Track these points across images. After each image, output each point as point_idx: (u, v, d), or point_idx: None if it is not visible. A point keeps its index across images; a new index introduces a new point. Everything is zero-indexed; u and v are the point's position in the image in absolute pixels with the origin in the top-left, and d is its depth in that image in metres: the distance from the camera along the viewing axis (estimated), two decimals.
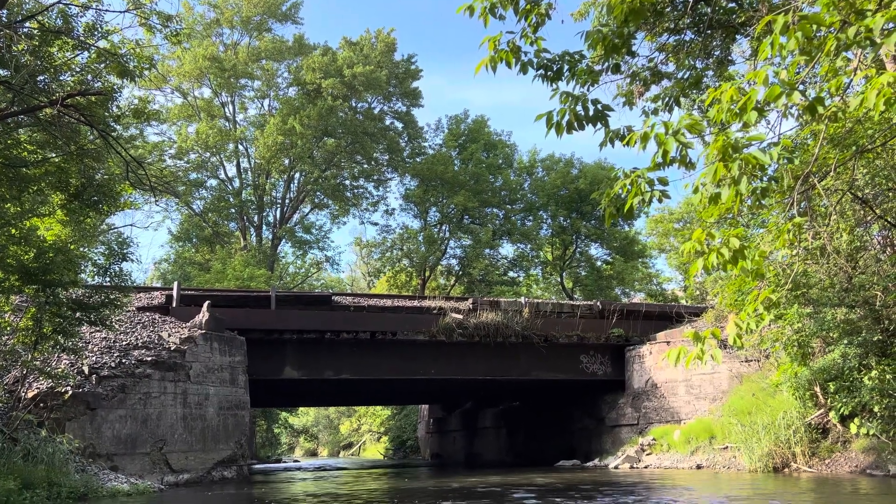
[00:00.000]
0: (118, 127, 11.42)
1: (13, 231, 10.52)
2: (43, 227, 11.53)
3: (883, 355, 12.33)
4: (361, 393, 28.16)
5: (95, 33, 10.08)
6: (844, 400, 12.62)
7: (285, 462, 38.21)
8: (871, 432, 12.35)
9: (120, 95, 10.87)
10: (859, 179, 11.50)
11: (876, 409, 12.14)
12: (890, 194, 12.13)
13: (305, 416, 63.11)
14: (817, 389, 13.31)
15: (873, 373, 12.13)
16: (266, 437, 43.57)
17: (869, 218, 12.74)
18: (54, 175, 10.71)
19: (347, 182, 38.52)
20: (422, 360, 18.91)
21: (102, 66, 10.26)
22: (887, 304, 12.43)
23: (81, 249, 11.63)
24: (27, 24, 9.96)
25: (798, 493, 10.03)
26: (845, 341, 12.56)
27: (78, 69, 10.38)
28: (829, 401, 13.05)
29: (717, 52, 10.57)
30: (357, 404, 47.22)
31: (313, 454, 64.71)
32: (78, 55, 10.34)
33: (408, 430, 41.19)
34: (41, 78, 10.07)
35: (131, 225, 24.75)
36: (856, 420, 12.58)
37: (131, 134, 23.87)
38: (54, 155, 10.84)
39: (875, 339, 12.32)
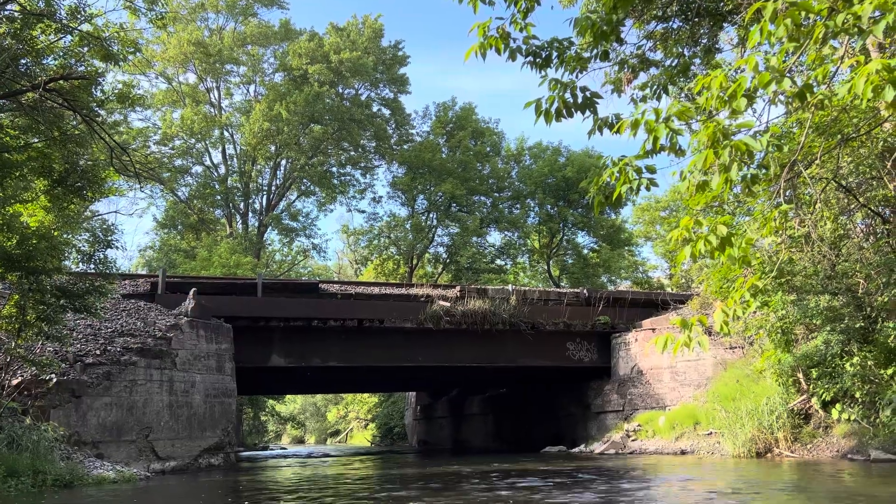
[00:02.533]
0: (102, 112, 11.29)
1: None
2: (26, 213, 11.39)
3: (864, 342, 12.48)
4: (349, 380, 28.19)
5: (79, 16, 9.93)
6: (826, 386, 12.78)
7: (272, 449, 38.25)
8: (852, 418, 12.52)
9: (104, 80, 10.75)
10: (844, 168, 11.59)
11: (857, 394, 12.30)
12: (873, 183, 12.25)
13: (292, 404, 63.11)
14: (800, 376, 13.47)
15: (855, 359, 12.28)
16: (253, 424, 43.57)
17: (852, 206, 12.86)
18: (37, 160, 10.57)
19: (334, 169, 38.34)
20: (409, 348, 18.94)
21: (86, 49, 10.12)
22: (869, 292, 12.58)
23: (65, 236, 11.50)
24: (9, 7, 9.80)
25: (777, 475, 10.17)
26: (828, 328, 12.70)
27: (61, 53, 10.23)
28: (811, 387, 13.22)
29: (704, 40, 10.61)
30: (344, 392, 47.29)
31: (300, 442, 64.80)
32: (61, 38, 10.19)
33: (395, 417, 41.31)
34: (23, 61, 9.93)
35: (116, 212, 24.48)
36: (837, 406, 12.74)
37: (115, 120, 23.62)
38: (36, 140, 10.70)
39: (857, 325, 12.47)
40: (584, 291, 21.05)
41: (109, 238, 11.95)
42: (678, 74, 8.11)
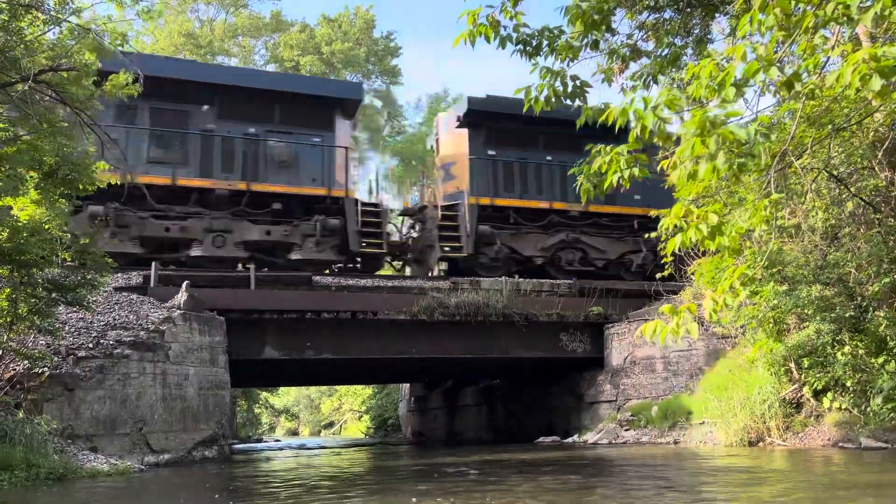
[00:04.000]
0: (98, 104, 11.20)
1: None
2: (17, 206, 11.34)
3: (856, 331, 12.56)
4: (342, 372, 28.19)
5: (67, 6, 9.85)
6: (818, 375, 12.86)
7: (266, 441, 38.31)
8: (843, 406, 12.61)
9: (94, 72, 10.68)
10: (835, 158, 11.63)
11: (848, 383, 12.39)
12: (864, 172, 12.30)
13: (286, 396, 63.16)
14: (792, 365, 13.55)
15: (846, 348, 12.36)
16: (247, 416, 43.60)
17: (844, 196, 12.91)
18: (27, 153, 10.51)
19: None
20: (403, 340, 18.96)
21: (73, 42, 10.05)
22: (860, 282, 12.65)
23: (61, 232, 11.46)
24: None
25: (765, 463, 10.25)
26: (819, 318, 12.77)
27: (49, 45, 10.16)
28: (802, 376, 13.30)
29: (696, 31, 10.61)
30: (338, 384, 47.31)
31: (294, 434, 64.86)
32: (49, 30, 10.11)
33: (389, 408, 41.40)
34: (10, 54, 9.84)
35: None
36: (828, 395, 12.83)
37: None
38: (24, 133, 10.63)
39: (848, 315, 12.54)
40: (577, 282, 21.08)
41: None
42: (669, 65, 8.12)
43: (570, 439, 19.69)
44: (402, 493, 7.76)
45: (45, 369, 11.83)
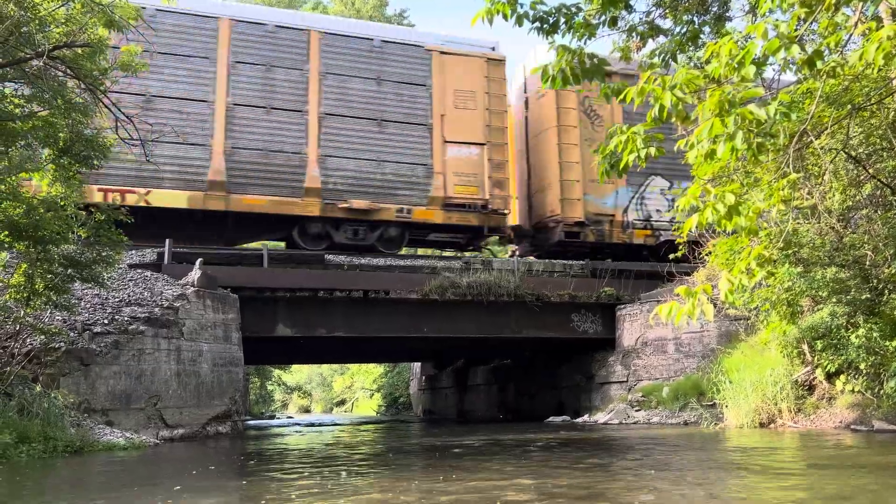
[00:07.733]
0: (107, 81, 11.20)
1: (1, 187, 10.41)
2: (36, 179, 11.41)
3: (871, 314, 12.46)
4: (354, 351, 28.39)
5: None
6: (831, 357, 12.79)
7: (279, 418, 38.73)
8: (856, 389, 12.56)
9: (107, 48, 10.66)
10: (854, 138, 11.45)
11: (862, 366, 12.32)
12: (884, 154, 12.12)
13: (299, 374, 63.68)
14: (805, 347, 13.48)
15: (860, 331, 12.27)
16: (260, 393, 44.05)
17: (862, 177, 12.74)
18: (42, 129, 10.55)
19: None
20: (415, 319, 19.02)
21: (88, 16, 10.02)
22: (876, 264, 12.52)
23: (75, 208, 11.52)
24: None
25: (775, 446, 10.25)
26: (834, 300, 12.67)
27: (63, 20, 10.14)
28: (816, 358, 13.24)
29: (714, 8, 10.43)
30: (350, 362, 47.65)
31: (307, 411, 65.49)
32: (63, 5, 10.09)
33: (400, 387, 41.69)
34: (25, 29, 9.84)
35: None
36: (842, 377, 12.77)
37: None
38: (40, 109, 10.65)
39: (863, 297, 12.43)
40: (590, 263, 21.01)
41: (116, 208, 11.99)
42: (687, 42, 8.00)
43: (580, 419, 19.74)
44: (406, 466, 7.82)
45: (62, 344, 11.97)
